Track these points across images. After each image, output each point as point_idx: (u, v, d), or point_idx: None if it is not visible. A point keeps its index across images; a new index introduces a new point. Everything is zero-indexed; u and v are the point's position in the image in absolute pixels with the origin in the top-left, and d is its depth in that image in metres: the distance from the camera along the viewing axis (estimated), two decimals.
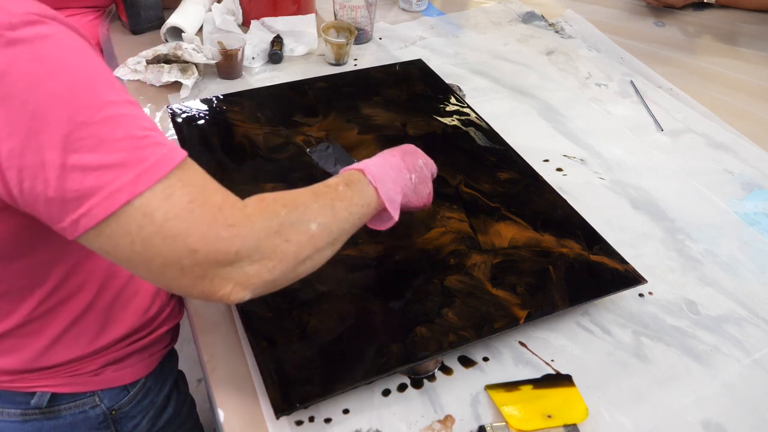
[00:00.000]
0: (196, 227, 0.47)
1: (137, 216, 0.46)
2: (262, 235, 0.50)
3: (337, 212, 0.57)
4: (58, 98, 0.44)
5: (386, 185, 0.63)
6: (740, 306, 0.80)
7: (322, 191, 0.58)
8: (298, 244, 0.53)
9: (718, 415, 0.68)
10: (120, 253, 0.47)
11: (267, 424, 0.64)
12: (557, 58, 1.29)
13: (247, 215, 0.50)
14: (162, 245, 0.47)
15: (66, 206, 0.45)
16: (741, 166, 1.03)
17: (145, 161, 0.46)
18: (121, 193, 0.45)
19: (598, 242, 0.82)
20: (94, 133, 0.44)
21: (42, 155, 0.44)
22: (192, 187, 0.48)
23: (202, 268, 0.48)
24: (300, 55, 1.23)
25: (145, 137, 0.47)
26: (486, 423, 0.65)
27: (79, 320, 0.65)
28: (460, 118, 1.04)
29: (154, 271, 0.48)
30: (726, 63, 1.31)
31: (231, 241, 0.48)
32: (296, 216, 0.53)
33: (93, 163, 0.44)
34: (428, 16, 1.43)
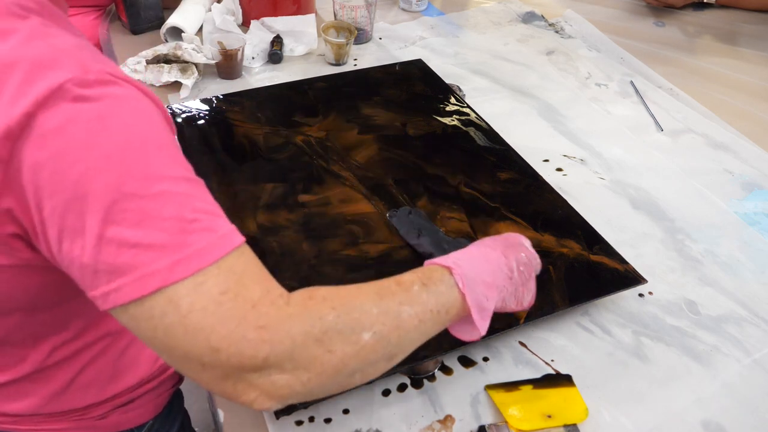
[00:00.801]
0: (222, 323, 0.42)
1: (162, 302, 0.41)
2: (299, 341, 0.43)
3: (404, 320, 0.48)
4: (110, 163, 0.41)
5: (477, 289, 0.53)
6: (740, 306, 0.80)
7: (390, 291, 0.49)
8: (343, 356, 0.45)
9: (718, 415, 0.68)
10: (142, 334, 0.44)
11: (267, 424, 0.64)
12: (557, 58, 1.29)
13: (285, 316, 0.44)
14: (183, 337, 0.42)
15: (98, 277, 0.42)
16: (741, 166, 1.03)
17: (187, 248, 0.42)
18: (153, 278, 0.41)
19: (598, 242, 0.82)
20: (141, 207, 0.41)
21: (83, 220, 0.41)
22: (228, 276, 0.43)
23: (224, 369, 0.43)
24: (300, 55, 1.23)
25: (194, 221, 0.42)
26: (486, 423, 0.65)
27: (91, 368, 0.62)
28: (460, 118, 1.04)
29: (176, 360, 0.44)
30: (726, 63, 1.31)
31: (259, 345, 0.42)
32: (347, 322, 0.45)
33: (131, 240, 0.41)
34: (428, 16, 1.43)
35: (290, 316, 0.44)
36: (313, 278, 0.75)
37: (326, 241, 0.80)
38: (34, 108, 0.40)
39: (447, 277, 0.52)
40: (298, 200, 0.85)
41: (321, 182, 0.88)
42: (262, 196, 0.86)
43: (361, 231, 0.81)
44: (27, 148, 0.40)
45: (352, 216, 0.83)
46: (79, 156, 0.41)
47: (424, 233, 0.79)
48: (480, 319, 0.53)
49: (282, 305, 0.44)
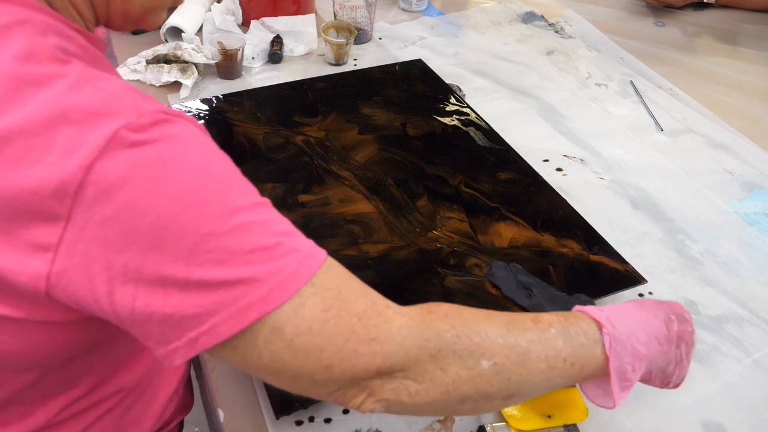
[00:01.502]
0: (330, 342, 0.41)
1: (265, 331, 0.41)
2: (412, 354, 0.43)
3: (531, 359, 0.45)
4: (184, 206, 0.39)
5: (624, 357, 0.48)
6: (740, 306, 0.80)
7: (523, 326, 0.46)
8: (456, 378, 0.43)
9: (718, 415, 0.68)
10: (247, 365, 0.42)
11: (267, 424, 0.64)
12: (557, 58, 1.29)
13: (396, 327, 0.43)
14: (292, 361, 0.41)
15: (183, 324, 0.40)
16: (741, 166, 1.03)
17: (278, 274, 0.41)
18: (250, 311, 0.40)
19: (598, 242, 0.82)
20: (222, 245, 0.39)
21: (163, 269, 0.39)
22: (327, 293, 0.42)
23: (338, 383, 0.43)
24: (300, 55, 1.23)
25: (277, 245, 0.42)
26: (486, 423, 0.65)
27: (96, 424, 0.60)
28: (460, 118, 1.04)
29: (284, 381, 0.44)
30: (726, 63, 1.31)
31: (371, 358, 0.42)
32: (467, 344, 0.44)
33: (220, 279, 0.39)
34: (428, 16, 1.43)
35: (402, 328, 0.43)
36: None
37: (326, 241, 0.80)
38: (91, 160, 0.38)
39: (593, 331, 0.48)
40: (298, 200, 0.85)
41: (321, 182, 0.88)
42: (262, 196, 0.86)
43: (361, 231, 0.81)
44: (90, 205, 0.38)
45: (352, 216, 0.83)
46: (149, 204, 0.38)
47: (535, 291, 0.72)
48: (619, 390, 0.49)
49: (391, 316, 0.43)
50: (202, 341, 0.40)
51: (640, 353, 0.49)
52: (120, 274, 0.39)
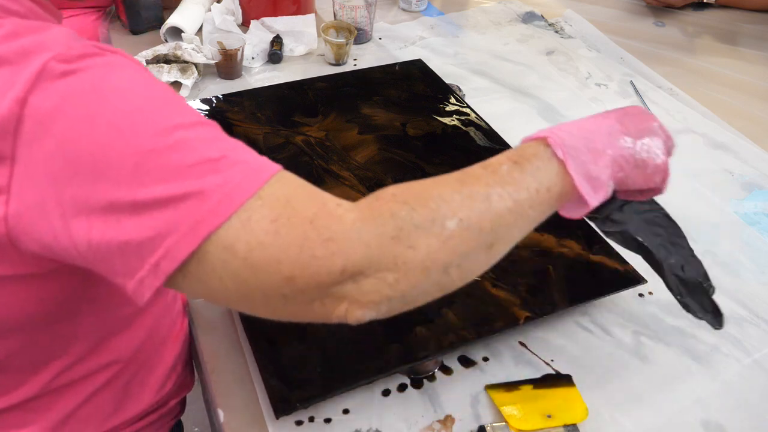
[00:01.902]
0: (285, 252, 0.39)
1: (218, 251, 0.39)
2: (374, 244, 0.41)
3: (494, 203, 0.44)
4: (120, 130, 0.39)
5: (581, 156, 0.46)
6: (740, 306, 0.80)
7: (475, 176, 0.45)
8: (428, 250, 0.42)
9: (718, 415, 0.68)
10: (215, 293, 0.41)
11: (267, 424, 0.64)
12: (557, 58, 1.29)
13: (350, 223, 0.42)
14: (254, 279, 0.40)
15: (142, 250, 0.39)
16: (741, 166, 1.03)
17: (225, 186, 0.39)
18: (201, 227, 0.39)
19: (598, 242, 0.82)
20: (164, 162, 0.39)
21: (109, 196, 0.38)
22: (275, 203, 0.40)
23: (307, 294, 0.41)
24: (300, 55, 1.23)
25: (222, 158, 0.40)
26: (486, 423, 0.65)
27: (94, 398, 0.60)
28: (460, 118, 1.04)
29: (258, 305, 0.42)
30: (726, 63, 1.31)
31: (331, 259, 0.40)
32: (424, 214, 0.42)
33: (166, 196, 0.38)
34: (428, 16, 1.43)
35: (356, 221, 0.42)
36: None
37: None
38: (23, 93, 0.38)
39: (543, 150, 0.46)
40: None
41: (321, 182, 0.88)
42: None
43: None
44: (31, 141, 0.38)
45: None
46: (85, 133, 0.38)
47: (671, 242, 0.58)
48: (589, 191, 0.46)
49: (342, 213, 0.42)
50: (163, 266, 0.39)
51: (597, 148, 0.47)
52: (71, 207, 0.39)
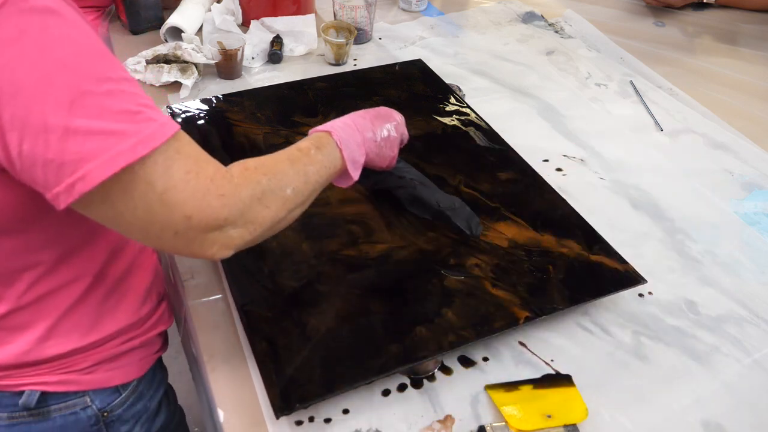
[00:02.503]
0: (192, 197, 0.51)
1: (141, 183, 0.49)
2: (248, 203, 0.56)
3: (309, 177, 0.62)
4: (66, 66, 0.46)
5: (351, 148, 0.67)
6: (740, 306, 0.80)
7: (297, 157, 0.63)
8: (276, 209, 0.58)
9: (718, 415, 0.68)
10: (120, 217, 0.51)
11: (267, 424, 0.64)
12: (557, 58, 1.29)
13: (235, 185, 0.55)
14: (161, 212, 0.51)
15: (63, 169, 0.47)
16: (741, 166, 1.03)
17: (141, 132, 0.49)
18: (120, 158, 0.47)
19: (598, 242, 0.82)
20: (96, 102, 0.47)
21: (45, 117, 0.46)
22: (187, 159, 0.52)
23: (194, 232, 0.53)
24: (300, 55, 1.23)
25: (140, 112, 0.49)
26: (486, 423, 0.65)
27: (70, 313, 0.64)
28: (460, 118, 1.04)
29: (151, 235, 0.53)
30: (726, 63, 1.31)
31: (221, 209, 0.53)
32: (275, 183, 0.58)
33: (94, 128, 0.47)
34: (428, 16, 1.43)
35: (239, 185, 0.55)
36: (313, 278, 0.75)
37: (326, 241, 0.80)
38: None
39: (330, 141, 0.66)
40: None
41: None
42: None
43: (361, 231, 0.81)
44: None
45: (351, 216, 0.83)
46: (35, 62, 0.45)
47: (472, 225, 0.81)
48: (353, 170, 0.68)
49: (230, 178, 0.55)
50: (78, 187, 0.47)
51: (360, 142, 0.69)
52: (8, 121, 0.46)
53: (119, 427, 0.73)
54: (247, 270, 0.76)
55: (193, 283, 0.79)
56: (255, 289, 0.73)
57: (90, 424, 0.70)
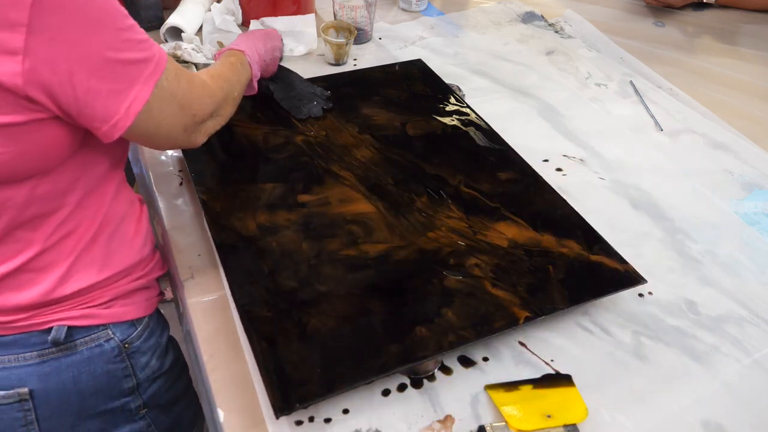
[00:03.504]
0: (195, 98, 0.69)
1: (167, 95, 0.64)
2: (221, 100, 0.76)
3: (242, 84, 0.85)
4: (107, 9, 0.57)
5: (254, 63, 0.89)
6: (740, 306, 0.80)
7: (233, 69, 0.83)
8: (233, 106, 0.81)
9: (718, 415, 0.68)
10: (157, 126, 0.65)
11: (267, 424, 0.64)
12: (557, 58, 1.29)
13: (213, 89, 0.74)
14: (179, 114, 0.67)
15: (120, 95, 0.59)
16: (741, 166, 1.03)
17: (156, 54, 0.62)
18: (152, 78, 0.61)
19: (598, 242, 0.82)
20: (129, 37, 0.59)
21: (104, 53, 0.57)
22: (184, 72, 0.68)
23: (194, 126, 0.71)
24: (299, 55, 1.23)
25: (148, 40, 0.62)
26: (486, 423, 0.65)
27: (86, 251, 0.70)
28: (459, 118, 1.04)
29: (172, 135, 0.68)
30: (726, 63, 1.31)
31: (210, 106, 0.73)
32: (230, 88, 0.79)
33: (133, 58, 0.59)
34: (428, 16, 1.43)
35: (214, 88, 0.75)
36: (313, 278, 0.75)
37: (326, 241, 0.80)
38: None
39: (244, 58, 0.87)
40: (297, 200, 0.85)
41: (321, 182, 0.88)
42: (261, 196, 0.86)
43: (361, 231, 0.81)
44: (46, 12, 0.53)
45: (351, 216, 0.83)
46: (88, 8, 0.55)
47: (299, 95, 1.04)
48: (255, 81, 0.90)
49: (211, 82, 0.75)
50: (133, 107, 0.60)
51: (257, 60, 0.90)
52: (77, 62, 0.55)
53: (139, 358, 0.77)
54: (247, 270, 0.76)
55: (193, 282, 0.79)
56: (255, 289, 0.73)
57: (114, 355, 0.74)
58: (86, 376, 0.72)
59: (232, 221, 0.82)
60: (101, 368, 0.73)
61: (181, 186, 0.93)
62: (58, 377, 0.71)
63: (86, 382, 0.73)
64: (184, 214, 0.89)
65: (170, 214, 0.89)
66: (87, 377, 0.72)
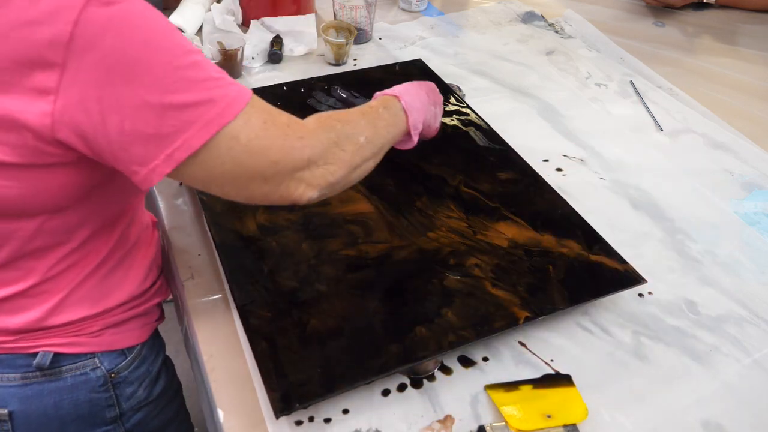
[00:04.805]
0: (274, 142, 0.57)
1: (226, 140, 0.54)
2: (326, 144, 0.61)
3: (379, 130, 0.69)
4: (154, 47, 0.51)
5: (413, 114, 0.74)
6: (740, 306, 0.80)
7: (367, 111, 0.69)
8: (352, 153, 0.64)
9: (718, 415, 0.68)
10: (210, 177, 0.57)
11: (267, 424, 0.64)
12: (557, 58, 1.29)
13: (311, 129, 0.61)
14: (249, 161, 0.56)
15: (162, 142, 0.52)
16: (741, 166, 1.03)
17: (227, 97, 0.54)
18: (211, 125, 0.53)
19: (598, 242, 0.82)
20: (185, 76, 0.52)
21: (145, 96, 0.50)
22: (262, 112, 0.57)
23: (281, 176, 0.59)
24: (300, 55, 1.23)
25: (221, 78, 0.55)
26: (486, 423, 0.65)
27: (84, 284, 0.67)
28: (460, 118, 1.04)
29: (241, 185, 0.58)
30: (726, 63, 1.31)
31: (302, 150, 0.59)
32: (349, 129, 0.64)
33: (187, 101, 0.52)
34: (428, 16, 1.43)
35: (314, 129, 0.61)
36: (313, 278, 0.75)
37: (326, 241, 0.80)
38: (76, 16, 0.48)
39: (396, 103, 0.73)
40: None
41: None
42: None
43: (361, 231, 0.81)
44: (80, 52, 0.49)
45: (351, 216, 0.83)
46: (126, 47, 0.50)
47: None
48: (414, 135, 0.75)
49: (305, 122, 0.61)
50: (176, 155, 0.53)
51: (419, 109, 0.75)
52: (110, 105, 0.50)
53: (125, 388, 0.75)
54: (247, 270, 0.76)
55: (193, 283, 0.79)
56: (255, 289, 0.73)
57: (99, 385, 0.72)
58: (68, 403, 0.71)
59: (232, 221, 0.82)
60: (84, 396, 0.71)
61: (181, 186, 0.93)
62: (39, 401, 0.69)
63: (68, 408, 0.71)
64: (184, 214, 0.89)
65: (170, 214, 0.89)
66: (69, 404, 0.71)
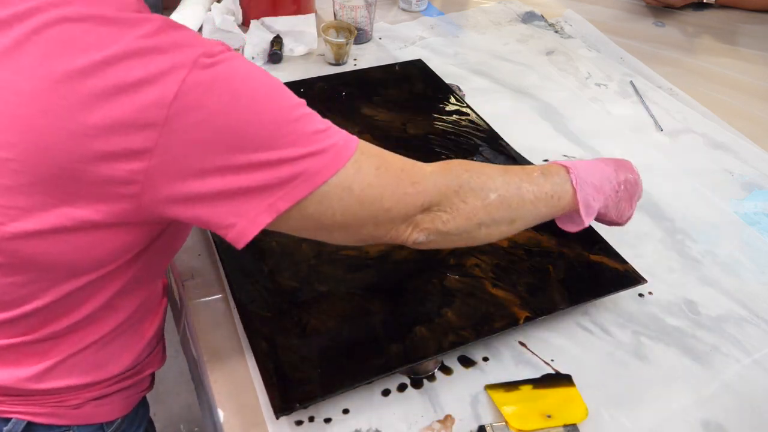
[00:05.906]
0: (387, 189, 0.55)
1: (337, 191, 0.52)
2: (443, 190, 0.58)
3: (523, 193, 0.61)
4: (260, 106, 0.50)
5: (587, 189, 0.65)
6: (740, 306, 0.80)
7: (513, 170, 0.63)
8: (473, 207, 0.59)
9: (718, 415, 0.68)
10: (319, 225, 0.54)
11: (267, 424, 0.64)
12: (557, 58, 1.29)
13: (428, 173, 0.58)
14: (360, 210, 0.54)
15: (264, 194, 0.50)
16: (741, 166, 1.03)
17: (335, 146, 0.52)
18: (318, 175, 0.51)
19: (598, 242, 0.82)
20: (293, 130, 0.51)
21: (245, 159, 0.49)
22: (374, 158, 0.55)
23: (394, 221, 0.57)
24: (300, 55, 1.23)
25: (327, 129, 0.53)
26: (486, 423, 0.65)
27: (81, 352, 0.63)
28: (460, 118, 1.04)
29: (351, 232, 0.56)
30: (726, 63, 1.31)
31: (416, 196, 0.56)
32: (477, 182, 0.59)
33: (296, 155, 0.50)
34: (428, 16, 1.43)
35: (432, 173, 0.58)
36: (313, 278, 0.75)
37: None
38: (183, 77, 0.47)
39: (563, 174, 0.64)
40: None
41: None
42: None
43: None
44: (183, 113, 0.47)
45: None
46: (232, 107, 0.48)
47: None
48: (585, 214, 0.65)
49: (422, 166, 0.58)
50: (278, 205, 0.51)
51: (597, 187, 0.66)
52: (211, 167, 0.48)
53: None
54: (247, 270, 0.76)
55: (193, 283, 0.79)
56: (255, 289, 0.73)
57: None
58: None
59: None
60: None
61: None
62: None
63: None
64: None
65: None
66: None
